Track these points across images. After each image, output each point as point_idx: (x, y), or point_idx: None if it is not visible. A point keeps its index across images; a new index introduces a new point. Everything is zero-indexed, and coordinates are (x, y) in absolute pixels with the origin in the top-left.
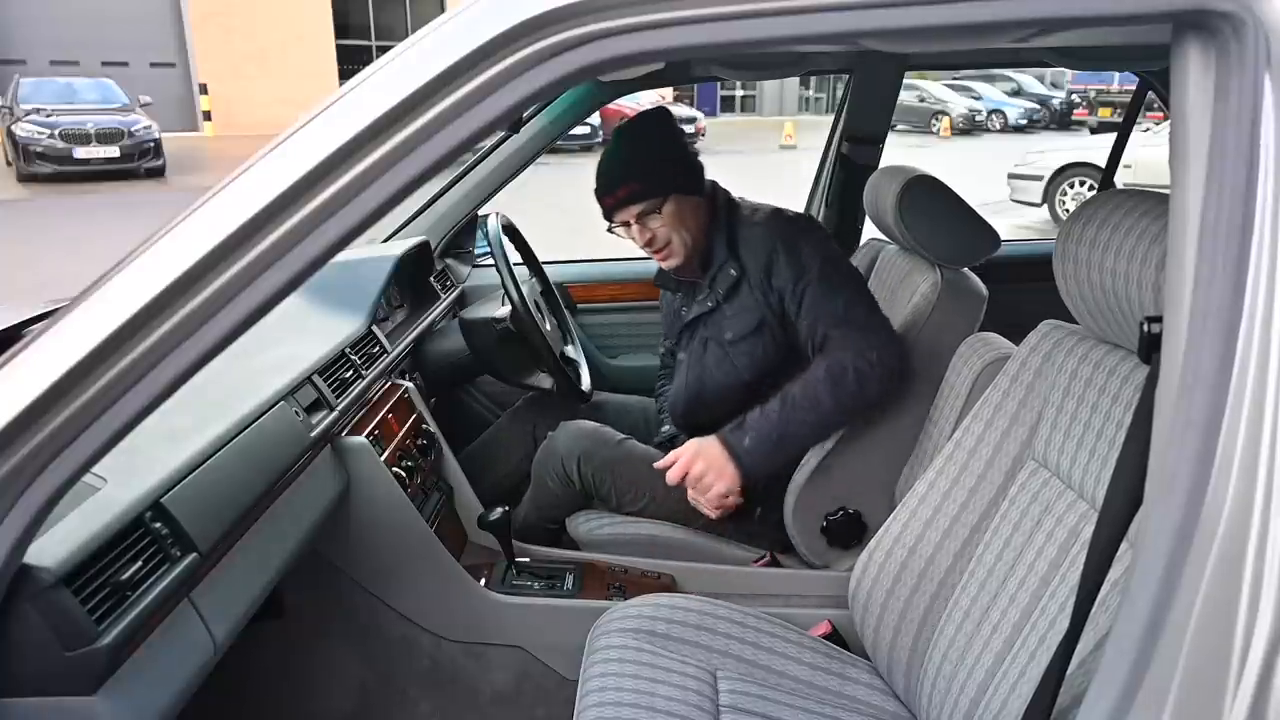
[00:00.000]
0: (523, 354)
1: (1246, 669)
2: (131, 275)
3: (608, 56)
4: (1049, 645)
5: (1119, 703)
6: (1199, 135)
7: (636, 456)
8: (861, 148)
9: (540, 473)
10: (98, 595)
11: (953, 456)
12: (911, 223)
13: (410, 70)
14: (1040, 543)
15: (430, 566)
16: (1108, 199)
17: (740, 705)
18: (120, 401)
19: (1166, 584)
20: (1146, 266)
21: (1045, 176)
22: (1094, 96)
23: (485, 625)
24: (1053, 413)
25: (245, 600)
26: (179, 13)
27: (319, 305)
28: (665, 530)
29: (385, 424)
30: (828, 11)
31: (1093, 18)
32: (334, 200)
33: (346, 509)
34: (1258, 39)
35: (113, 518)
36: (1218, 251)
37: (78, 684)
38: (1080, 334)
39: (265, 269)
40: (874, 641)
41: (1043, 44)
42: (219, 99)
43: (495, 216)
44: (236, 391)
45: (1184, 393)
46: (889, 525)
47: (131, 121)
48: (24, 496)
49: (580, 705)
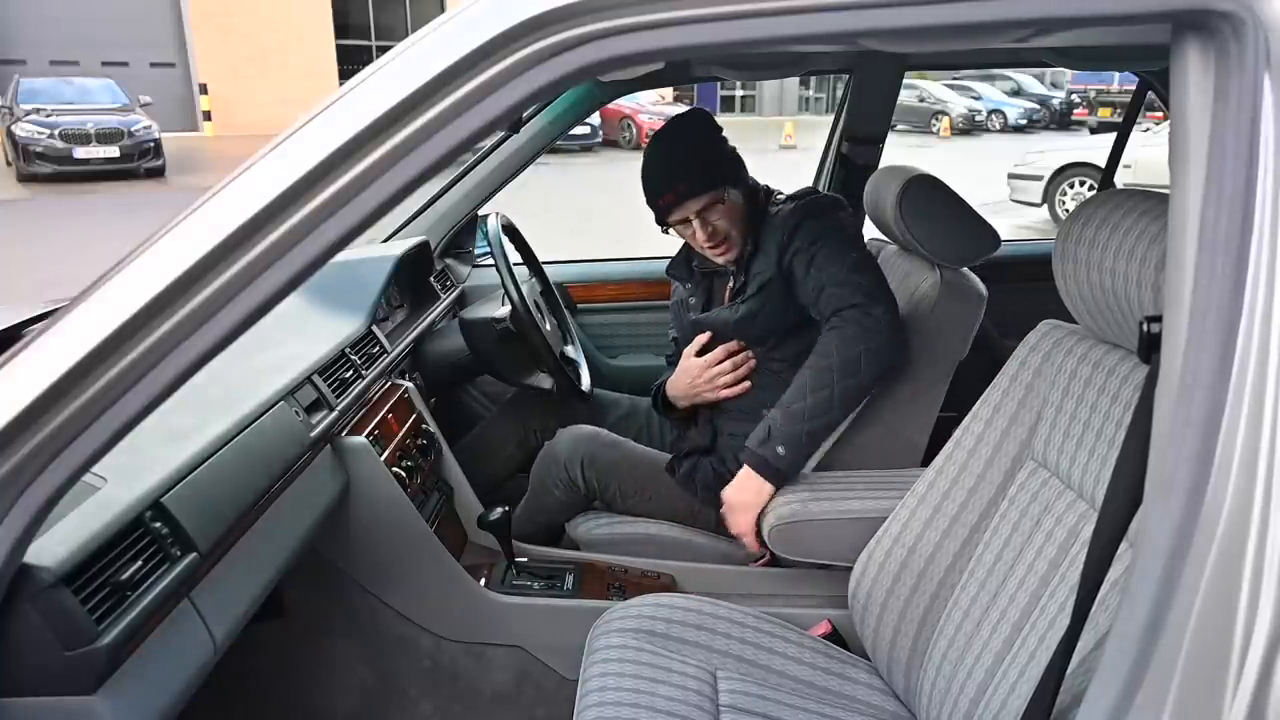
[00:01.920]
0: (523, 354)
1: (1246, 668)
2: (131, 275)
3: (608, 56)
4: (1049, 645)
5: (1119, 702)
6: (1199, 135)
7: (638, 458)
8: (861, 148)
9: (542, 479)
10: (98, 595)
11: (952, 456)
12: (911, 222)
13: (410, 70)
14: (1040, 542)
15: (430, 566)
16: (1107, 199)
17: (740, 705)
18: (120, 401)
19: (1166, 583)
20: (1146, 266)
21: (1045, 176)
22: (1094, 96)
23: (485, 625)
24: (1052, 412)
25: (245, 600)
26: (179, 13)
27: (319, 305)
28: (665, 530)
29: (385, 424)
30: (828, 11)
31: (1092, 18)
32: (334, 200)
33: (346, 509)
34: (1258, 39)
35: (113, 517)
36: (1218, 251)
37: (78, 684)
38: (1080, 334)
39: (265, 269)
40: (874, 641)
41: (1042, 44)
42: (219, 99)
43: (495, 216)
44: (236, 391)
45: (1184, 392)
46: (888, 525)
47: (131, 121)
48: (24, 496)
49: (580, 705)
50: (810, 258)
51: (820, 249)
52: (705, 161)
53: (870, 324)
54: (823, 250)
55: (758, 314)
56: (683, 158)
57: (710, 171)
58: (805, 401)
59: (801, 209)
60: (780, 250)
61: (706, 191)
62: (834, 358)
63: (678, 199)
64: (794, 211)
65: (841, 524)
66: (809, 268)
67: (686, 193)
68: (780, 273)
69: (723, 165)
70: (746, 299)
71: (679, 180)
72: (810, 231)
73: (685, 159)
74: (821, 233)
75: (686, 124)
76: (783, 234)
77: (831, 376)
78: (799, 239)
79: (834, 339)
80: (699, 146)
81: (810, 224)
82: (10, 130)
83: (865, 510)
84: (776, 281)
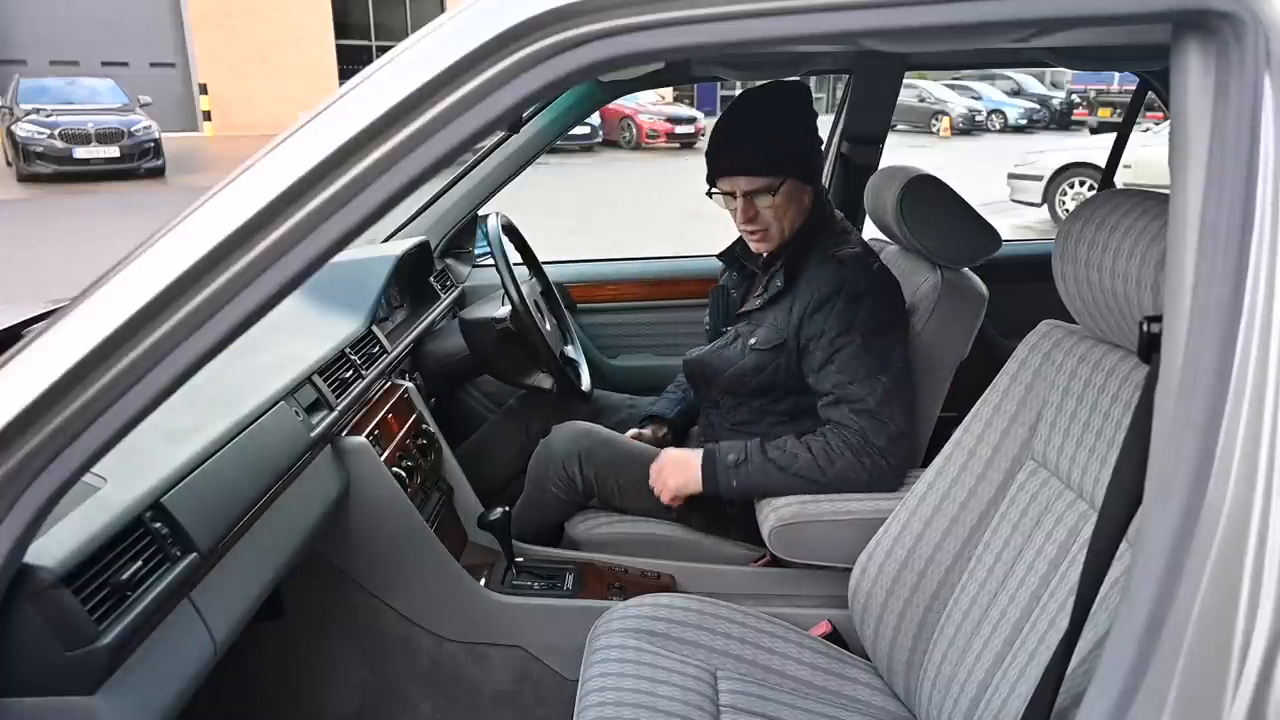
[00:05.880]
0: (523, 354)
1: (1246, 668)
2: (131, 275)
3: (608, 56)
4: (1049, 645)
5: (1119, 702)
6: (1199, 135)
7: (636, 454)
8: (861, 148)
9: (538, 477)
10: (98, 595)
11: (952, 456)
12: (912, 223)
13: (410, 70)
14: (1040, 542)
15: (430, 566)
16: (1107, 199)
17: (740, 705)
18: (120, 401)
19: (1166, 583)
20: (1146, 266)
21: (1045, 176)
22: (1094, 96)
23: (485, 625)
24: (1052, 412)
25: (245, 600)
26: (179, 13)
27: (319, 305)
28: (665, 530)
29: (385, 424)
30: (828, 11)
31: (1093, 18)
32: (334, 200)
33: (346, 509)
34: (1258, 39)
35: (113, 518)
36: (1218, 251)
37: (78, 684)
38: (1080, 334)
39: (265, 269)
40: (874, 641)
41: (1043, 44)
42: (219, 99)
43: (495, 216)
44: (236, 391)
45: (1184, 392)
46: (888, 525)
47: (131, 121)
48: (24, 496)
49: (580, 705)
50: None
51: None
52: (780, 145)
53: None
54: (845, 351)
55: (763, 369)
56: (756, 129)
57: (779, 156)
58: (785, 476)
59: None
60: (803, 311)
61: (764, 175)
62: (834, 467)
63: (731, 167)
64: (837, 278)
65: (841, 524)
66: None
67: (743, 165)
68: (796, 340)
69: (796, 155)
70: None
71: (741, 150)
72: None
73: (758, 130)
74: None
75: (783, 97)
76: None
77: (821, 476)
78: (824, 314)
79: (831, 450)
80: (777, 123)
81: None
82: (10, 130)
83: (865, 511)
84: (789, 348)
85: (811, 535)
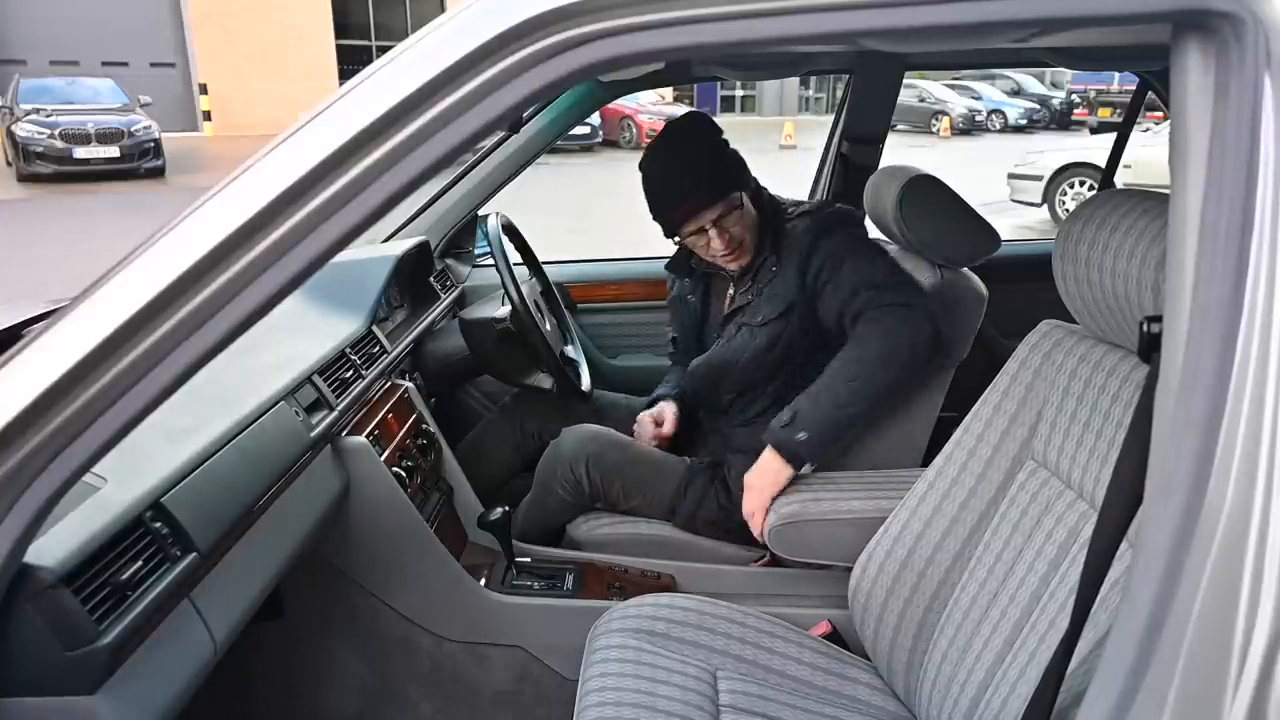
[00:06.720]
0: (523, 354)
1: (1246, 668)
2: (131, 275)
3: (608, 56)
4: (1049, 644)
5: (1119, 702)
6: (1199, 135)
7: (644, 458)
8: (861, 148)
9: (546, 479)
10: (98, 595)
11: (952, 456)
12: (912, 223)
13: (410, 70)
14: (1040, 542)
15: (430, 566)
16: (1107, 199)
17: (740, 705)
18: (120, 401)
19: (1166, 583)
20: (1146, 266)
21: (1045, 176)
22: (1094, 96)
23: (485, 625)
24: (1052, 412)
25: (245, 600)
26: (179, 13)
27: (319, 305)
28: (665, 530)
29: (385, 424)
30: (828, 11)
31: (1092, 18)
32: (334, 200)
33: (346, 509)
34: (1258, 39)
35: (113, 518)
36: (1218, 251)
37: (78, 684)
38: (1080, 334)
39: (265, 269)
40: (874, 641)
41: (1043, 44)
42: (219, 99)
43: (495, 216)
44: (236, 391)
45: (1184, 392)
46: (889, 525)
47: (131, 121)
48: (24, 496)
49: (580, 705)
50: (838, 267)
51: (847, 259)
52: (715, 168)
53: (914, 317)
54: (849, 261)
55: (777, 341)
56: (691, 166)
57: (721, 177)
58: (836, 389)
59: (818, 224)
60: (801, 269)
61: (722, 199)
62: (873, 349)
63: (693, 209)
64: (810, 227)
65: (842, 524)
66: (836, 278)
67: (702, 202)
68: (803, 294)
69: (731, 169)
70: (765, 324)
71: (692, 190)
72: (831, 245)
73: (694, 167)
74: (844, 245)
75: (689, 130)
76: (801, 252)
77: (867, 367)
78: (820, 253)
79: (873, 331)
80: (706, 153)
81: (828, 240)
82: (10, 130)
83: (865, 510)
84: (799, 305)
85: (811, 535)
